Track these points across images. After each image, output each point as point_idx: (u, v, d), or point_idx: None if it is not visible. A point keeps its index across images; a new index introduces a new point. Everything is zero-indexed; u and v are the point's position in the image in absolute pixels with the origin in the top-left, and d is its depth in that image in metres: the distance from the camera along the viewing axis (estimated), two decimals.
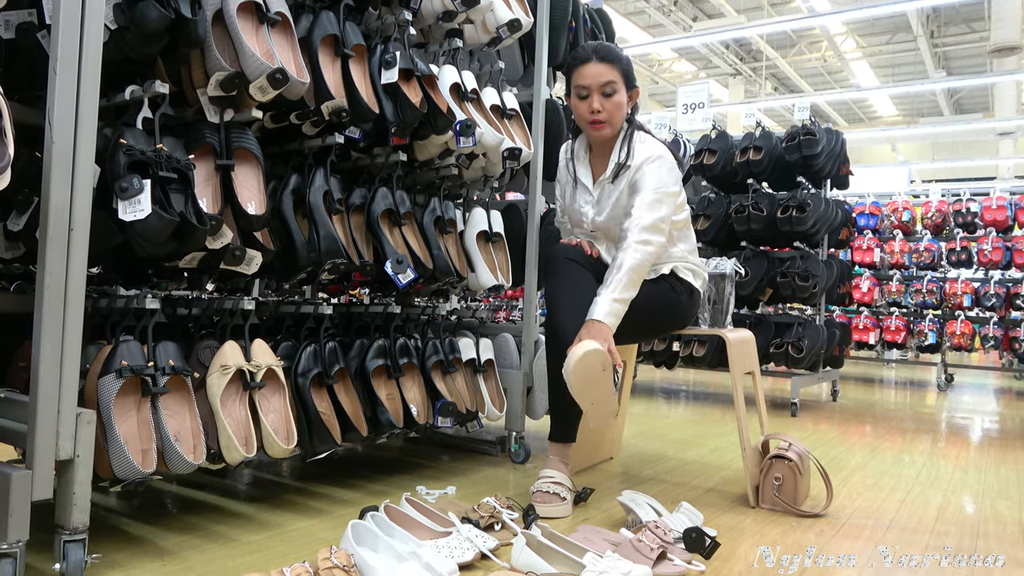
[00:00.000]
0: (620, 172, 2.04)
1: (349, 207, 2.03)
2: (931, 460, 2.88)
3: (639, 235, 1.91)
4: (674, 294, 2.09)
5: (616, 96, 2.02)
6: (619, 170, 2.04)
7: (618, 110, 2.03)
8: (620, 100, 2.02)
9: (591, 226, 2.14)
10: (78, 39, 1.29)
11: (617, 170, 2.05)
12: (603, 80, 2.00)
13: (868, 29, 12.79)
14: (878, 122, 17.74)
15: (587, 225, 2.15)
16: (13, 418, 1.34)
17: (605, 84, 2.00)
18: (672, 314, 2.12)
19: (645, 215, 1.93)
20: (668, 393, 4.93)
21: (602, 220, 2.09)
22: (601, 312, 1.85)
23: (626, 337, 2.19)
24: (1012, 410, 4.77)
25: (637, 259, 1.90)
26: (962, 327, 5.86)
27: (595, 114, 2.01)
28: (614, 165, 2.05)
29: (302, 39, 1.83)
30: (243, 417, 1.63)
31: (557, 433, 2.04)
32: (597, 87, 2.01)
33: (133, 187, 1.38)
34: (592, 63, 2.01)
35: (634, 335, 2.19)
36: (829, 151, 4.35)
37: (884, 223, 6.49)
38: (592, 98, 2.01)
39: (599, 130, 2.04)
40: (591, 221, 2.13)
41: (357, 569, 1.31)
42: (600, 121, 2.02)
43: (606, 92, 2.01)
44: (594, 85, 2.01)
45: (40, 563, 1.39)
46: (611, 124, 2.04)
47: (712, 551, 1.58)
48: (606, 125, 2.03)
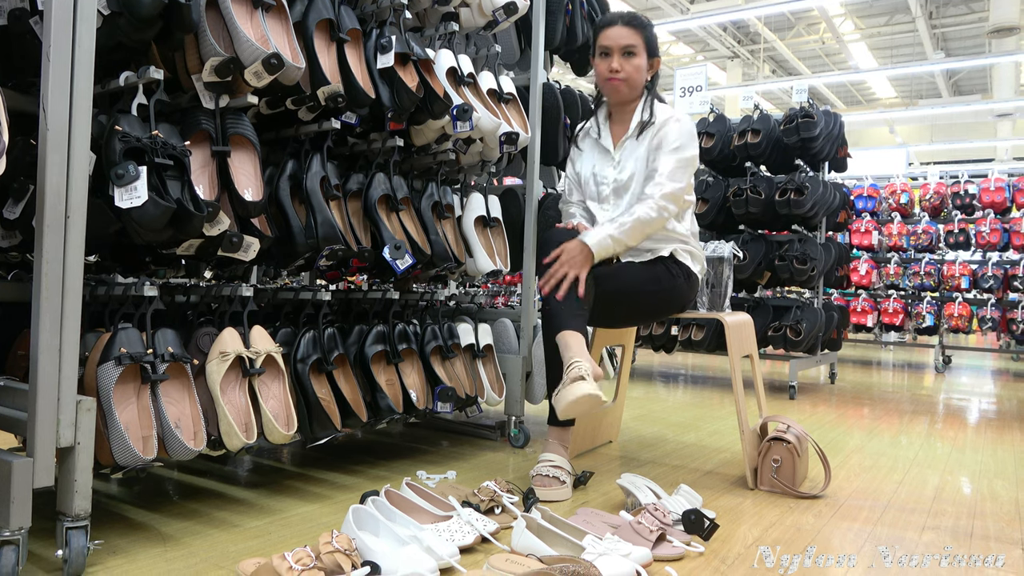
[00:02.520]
0: (644, 129, 2.13)
1: (346, 193, 2.02)
2: (928, 441, 2.90)
3: (659, 200, 2.01)
4: (671, 277, 2.09)
5: (636, 59, 2.11)
6: (643, 128, 2.13)
7: (636, 72, 2.12)
8: (639, 63, 2.12)
9: (612, 186, 2.16)
10: (71, 25, 1.28)
11: (641, 128, 2.13)
12: (624, 43, 2.10)
13: (866, 11, 12.72)
14: (876, 104, 17.68)
15: (607, 188, 2.17)
16: (13, 406, 1.34)
17: (626, 46, 2.10)
18: (669, 297, 2.12)
19: (667, 184, 2.02)
20: (667, 377, 4.94)
21: (624, 177, 2.14)
22: (593, 239, 1.94)
23: (624, 320, 2.20)
24: (1009, 391, 4.79)
25: (649, 216, 1.99)
26: (960, 309, 5.87)
27: (614, 72, 2.11)
28: (637, 123, 2.14)
29: (297, 24, 1.82)
30: (243, 403, 1.64)
31: (556, 417, 2.05)
32: (618, 48, 2.11)
33: (129, 174, 1.38)
34: (617, 26, 2.11)
35: (631, 318, 2.19)
36: (827, 134, 4.33)
37: (882, 205, 6.48)
38: (613, 57, 2.11)
39: (617, 87, 2.13)
40: (612, 181, 2.15)
41: (358, 553, 1.32)
42: (619, 79, 2.11)
43: (626, 53, 2.11)
44: (615, 46, 2.11)
45: (42, 550, 1.40)
46: (629, 84, 2.12)
47: (711, 533, 1.59)
48: (623, 84, 2.12)
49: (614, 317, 2.04)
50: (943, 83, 15.67)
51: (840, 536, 1.67)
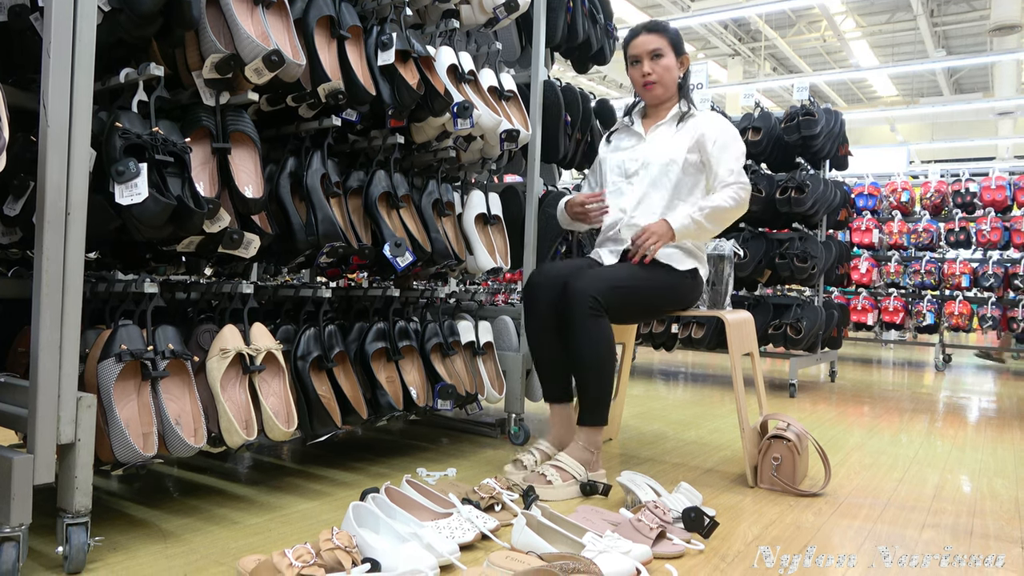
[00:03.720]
0: (683, 119, 2.22)
1: (347, 190, 2.02)
2: (928, 440, 2.90)
3: (735, 190, 2.10)
4: (678, 274, 2.10)
5: (664, 59, 2.21)
6: (681, 117, 2.22)
7: (667, 72, 2.22)
8: (669, 63, 2.22)
9: (642, 161, 2.20)
10: (71, 21, 1.28)
11: (680, 115, 2.22)
12: (651, 47, 2.21)
13: (867, 8, 12.69)
14: (877, 102, 17.66)
15: (636, 163, 2.21)
16: (14, 403, 1.34)
17: (653, 50, 2.21)
18: (673, 295, 2.13)
19: (742, 177, 2.12)
20: (667, 375, 4.94)
21: (653, 155, 2.19)
22: (676, 219, 2.05)
23: (628, 317, 2.20)
24: (1009, 390, 4.79)
25: (728, 204, 2.07)
26: (960, 307, 5.87)
27: (646, 76, 2.21)
28: (675, 113, 2.24)
29: (297, 20, 1.82)
30: (243, 400, 1.64)
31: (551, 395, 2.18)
32: (646, 53, 2.22)
33: (130, 171, 1.38)
34: (642, 35, 2.23)
35: (635, 315, 2.20)
36: (828, 132, 4.33)
37: (883, 204, 6.48)
38: (643, 63, 2.22)
39: (651, 90, 2.23)
40: (642, 156, 2.20)
41: (359, 550, 1.32)
42: (651, 82, 2.22)
43: (654, 55, 2.21)
44: (643, 52, 2.22)
45: (43, 546, 1.40)
46: (662, 84, 2.22)
47: (711, 530, 1.59)
48: (657, 84, 2.22)
49: (620, 314, 2.06)
50: (944, 81, 15.65)
51: (840, 534, 1.67)
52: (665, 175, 2.15)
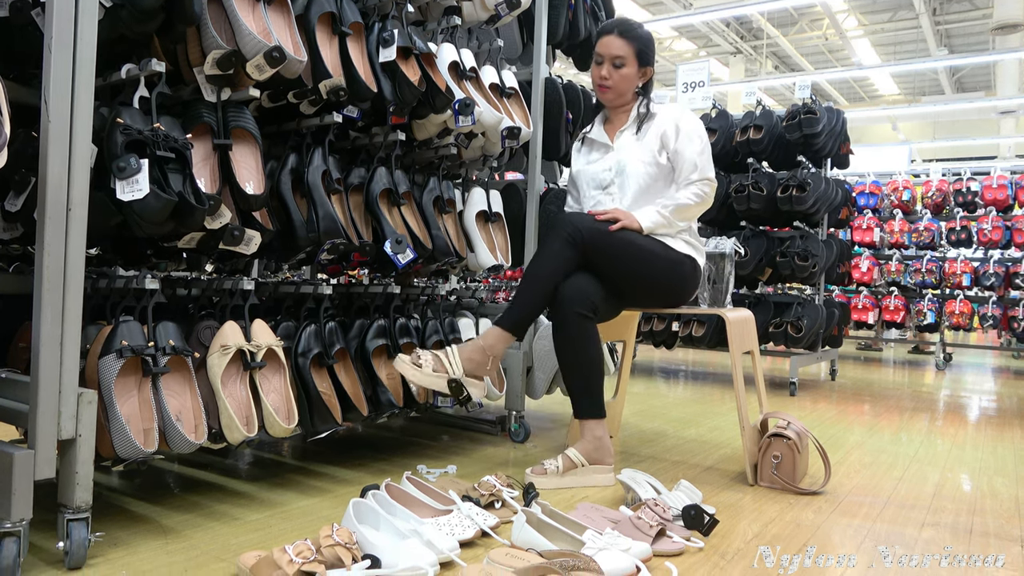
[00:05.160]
0: (643, 122, 2.21)
1: (348, 187, 2.02)
2: (928, 438, 2.90)
3: (699, 186, 2.13)
4: (676, 254, 2.11)
5: (624, 69, 2.19)
6: (642, 120, 2.21)
7: (623, 81, 2.20)
8: (628, 73, 2.20)
9: (615, 168, 2.19)
10: (73, 17, 1.28)
11: (640, 120, 2.22)
12: (614, 53, 2.18)
13: (870, 7, 12.67)
14: (879, 101, 17.63)
15: (610, 174, 2.20)
16: (15, 398, 1.34)
17: (616, 57, 2.19)
18: (673, 276, 2.11)
19: (707, 168, 2.15)
20: (667, 373, 4.95)
21: (624, 161, 2.18)
22: (645, 217, 2.08)
23: (630, 301, 2.18)
24: (1009, 389, 4.79)
25: (691, 201, 2.11)
26: (961, 306, 5.86)
27: (603, 80, 2.21)
28: (634, 117, 2.23)
29: (299, 17, 1.82)
30: (244, 397, 1.64)
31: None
32: (609, 57, 2.19)
33: (131, 167, 1.38)
34: (611, 36, 2.19)
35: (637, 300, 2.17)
36: (830, 130, 4.32)
37: (884, 202, 6.47)
38: (604, 65, 2.21)
39: (603, 93, 2.24)
40: (615, 163, 2.20)
41: (359, 547, 1.32)
42: (606, 86, 2.22)
43: (615, 64, 2.19)
44: (607, 55, 2.19)
45: (43, 542, 1.40)
46: (615, 91, 2.22)
47: (711, 528, 1.60)
48: (610, 91, 2.22)
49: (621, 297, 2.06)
50: (946, 80, 15.63)
51: (840, 532, 1.68)
52: (637, 182, 2.16)
